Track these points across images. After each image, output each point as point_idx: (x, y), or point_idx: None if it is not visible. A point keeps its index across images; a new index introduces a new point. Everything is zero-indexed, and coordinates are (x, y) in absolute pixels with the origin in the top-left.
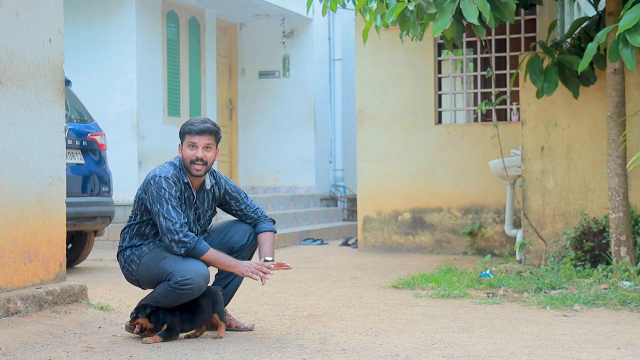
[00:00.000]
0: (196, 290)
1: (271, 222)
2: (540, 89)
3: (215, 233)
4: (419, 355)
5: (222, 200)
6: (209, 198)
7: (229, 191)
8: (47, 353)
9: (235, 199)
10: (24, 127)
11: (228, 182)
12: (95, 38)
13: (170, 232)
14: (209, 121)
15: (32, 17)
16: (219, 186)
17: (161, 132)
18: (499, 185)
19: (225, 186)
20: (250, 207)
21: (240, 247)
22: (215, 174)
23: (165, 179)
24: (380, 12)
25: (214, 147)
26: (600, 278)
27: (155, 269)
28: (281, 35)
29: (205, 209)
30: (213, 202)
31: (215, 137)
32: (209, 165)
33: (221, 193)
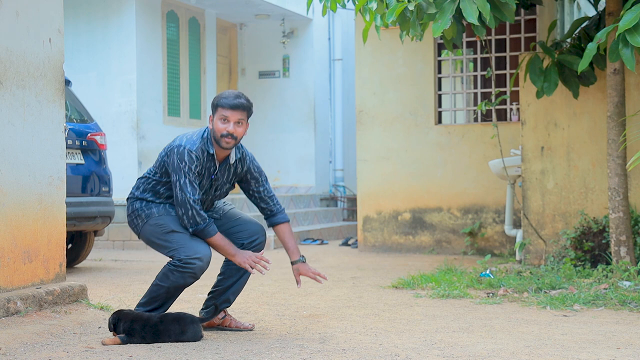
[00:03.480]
0: (197, 271)
1: (285, 214)
2: (540, 89)
3: (226, 219)
4: (419, 355)
5: (242, 177)
6: (230, 172)
7: (252, 170)
8: (47, 353)
9: (256, 180)
10: (24, 127)
11: (253, 161)
12: (95, 38)
13: (185, 205)
14: (243, 96)
15: (32, 17)
16: (242, 163)
17: (161, 132)
18: (499, 185)
19: (249, 164)
20: (267, 191)
21: (240, 244)
22: (241, 150)
23: (189, 152)
24: (380, 12)
25: (245, 122)
26: (600, 278)
27: (160, 238)
28: (281, 35)
29: (223, 182)
30: (234, 176)
31: (248, 112)
32: (238, 140)
33: (243, 170)
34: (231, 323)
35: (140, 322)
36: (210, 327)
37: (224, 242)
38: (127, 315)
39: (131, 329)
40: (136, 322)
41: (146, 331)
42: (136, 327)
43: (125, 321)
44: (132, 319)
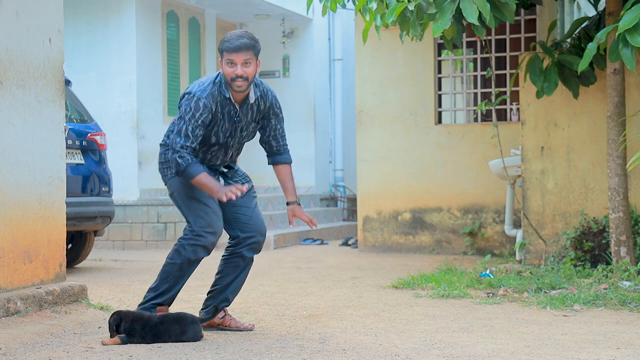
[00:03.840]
0: (209, 244)
1: (289, 155)
2: (540, 89)
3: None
4: (419, 355)
5: (265, 114)
6: (253, 111)
7: (274, 106)
8: (47, 353)
9: (277, 116)
10: (24, 127)
11: (276, 97)
12: (95, 38)
13: (174, 149)
14: (245, 35)
15: (32, 17)
16: (264, 99)
17: (161, 132)
18: (499, 185)
19: (272, 100)
20: (283, 130)
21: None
22: (262, 87)
23: (197, 100)
24: (380, 12)
25: (253, 60)
26: (600, 278)
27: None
28: (281, 35)
29: (248, 122)
30: (257, 114)
31: (254, 50)
32: (250, 80)
33: (266, 106)
34: (231, 323)
35: (141, 322)
36: (210, 326)
37: (207, 180)
38: (127, 315)
39: (131, 329)
40: (136, 322)
41: (146, 331)
42: (136, 327)
43: (125, 321)
44: (132, 319)
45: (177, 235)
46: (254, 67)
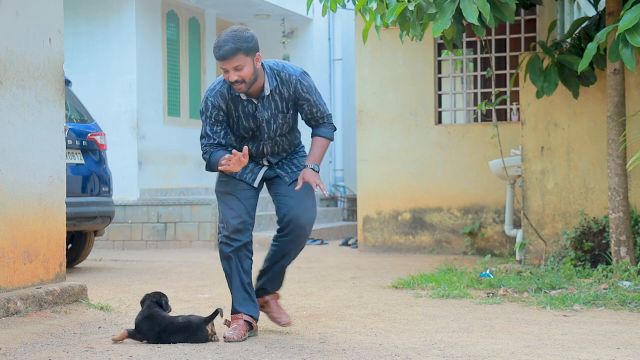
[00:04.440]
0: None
1: (329, 129)
2: (540, 89)
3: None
4: (419, 355)
5: (294, 100)
6: (276, 101)
7: (300, 90)
8: (47, 353)
9: (307, 100)
10: (24, 127)
11: (302, 80)
12: (95, 38)
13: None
14: (231, 38)
15: (32, 17)
16: (287, 85)
17: (161, 132)
18: (499, 185)
19: (296, 84)
20: (322, 112)
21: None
22: (284, 72)
23: (206, 100)
24: (380, 12)
25: (246, 60)
26: (600, 278)
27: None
28: (281, 35)
29: (274, 113)
30: (283, 102)
31: (243, 51)
32: (249, 80)
33: (291, 92)
34: (271, 310)
35: (150, 321)
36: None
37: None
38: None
39: (140, 323)
40: (147, 319)
41: (150, 333)
42: (144, 325)
43: (140, 314)
44: (145, 315)
45: (177, 235)
46: (250, 66)
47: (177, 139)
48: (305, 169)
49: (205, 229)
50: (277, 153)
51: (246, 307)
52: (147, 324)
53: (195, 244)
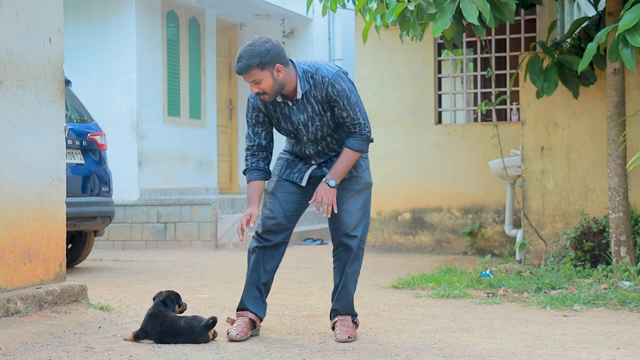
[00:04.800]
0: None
1: (359, 140)
2: (540, 89)
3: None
4: (419, 355)
5: (328, 102)
6: (312, 103)
7: (331, 93)
8: (47, 353)
9: (337, 104)
10: (24, 127)
11: (334, 82)
12: (95, 38)
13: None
14: (244, 55)
15: (32, 17)
16: (319, 88)
17: (161, 132)
18: (499, 185)
19: (327, 87)
20: (352, 118)
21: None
22: (315, 75)
23: (248, 102)
24: (380, 12)
25: (264, 74)
26: (600, 278)
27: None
28: (281, 35)
29: (310, 116)
30: (318, 105)
31: (258, 66)
32: (271, 91)
33: (324, 95)
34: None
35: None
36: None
37: (249, 193)
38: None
39: (145, 322)
40: (151, 319)
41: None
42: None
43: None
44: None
45: (177, 235)
46: (268, 79)
47: (177, 139)
48: (321, 183)
49: (205, 229)
50: (324, 153)
51: (255, 305)
52: (151, 323)
53: (195, 244)
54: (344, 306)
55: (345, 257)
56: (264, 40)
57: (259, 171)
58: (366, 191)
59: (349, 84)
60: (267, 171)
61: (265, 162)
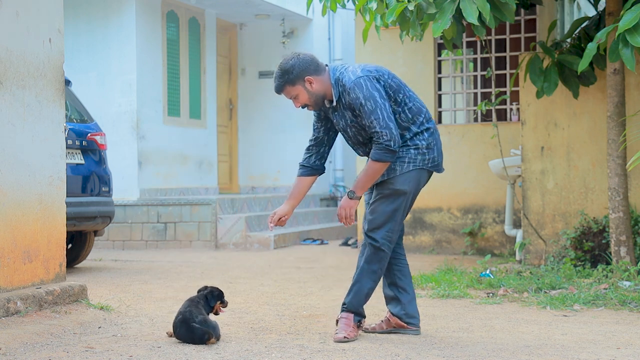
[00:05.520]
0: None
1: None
2: (540, 89)
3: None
4: (419, 355)
5: (354, 110)
6: (345, 110)
7: (354, 100)
8: (47, 353)
9: (358, 111)
10: (24, 127)
11: (351, 91)
12: (95, 38)
13: None
14: (276, 76)
15: (32, 17)
16: (347, 95)
17: (161, 132)
18: (499, 185)
19: (348, 94)
20: (369, 127)
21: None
22: (342, 81)
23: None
24: (380, 12)
25: (298, 88)
26: (600, 278)
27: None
28: (281, 35)
29: (347, 123)
30: (350, 111)
31: (289, 84)
32: (311, 102)
33: (349, 102)
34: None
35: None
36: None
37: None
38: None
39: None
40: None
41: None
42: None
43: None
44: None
45: (177, 235)
46: (303, 92)
47: (177, 139)
48: (344, 195)
49: (205, 229)
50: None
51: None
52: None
53: (195, 244)
54: (350, 302)
55: (366, 252)
56: (289, 57)
57: (305, 167)
58: (394, 197)
59: (367, 91)
60: (315, 167)
61: (318, 157)
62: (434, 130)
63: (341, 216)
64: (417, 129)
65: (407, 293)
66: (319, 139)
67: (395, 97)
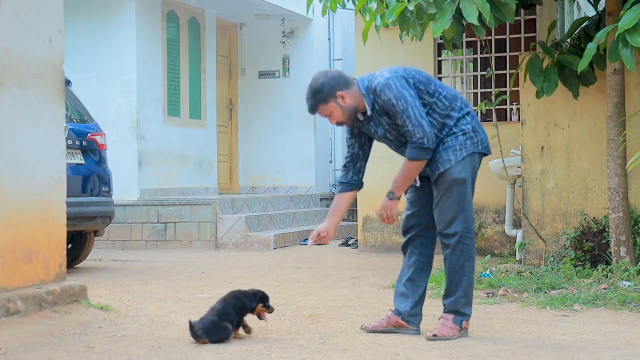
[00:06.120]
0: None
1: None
2: (540, 89)
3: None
4: (419, 355)
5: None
6: (381, 116)
7: (387, 103)
8: (47, 353)
9: (392, 113)
10: (24, 127)
11: (381, 93)
12: (95, 38)
13: None
14: (308, 97)
15: (32, 17)
16: (380, 99)
17: (161, 132)
18: (499, 185)
19: (378, 99)
20: (401, 126)
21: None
22: (372, 87)
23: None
24: (380, 12)
25: (332, 105)
26: (600, 278)
27: None
28: (281, 35)
29: (386, 129)
30: (387, 116)
31: (322, 103)
32: (345, 118)
33: (383, 106)
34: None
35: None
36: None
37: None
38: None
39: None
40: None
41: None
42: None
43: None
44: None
45: (177, 235)
46: (336, 109)
47: (177, 139)
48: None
49: (205, 229)
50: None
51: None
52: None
53: (195, 244)
54: (449, 303)
55: (446, 253)
56: (318, 76)
57: (343, 184)
58: (456, 187)
59: (397, 91)
60: (353, 183)
61: (355, 172)
62: (474, 113)
63: (383, 217)
64: (458, 114)
65: (419, 290)
66: (354, 154)
67: (427, 89)
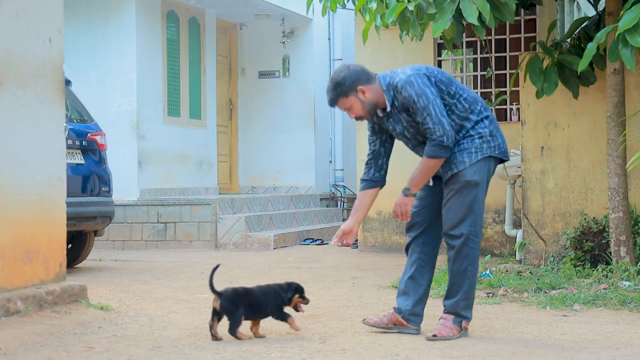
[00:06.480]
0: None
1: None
2: (540, 89)
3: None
4: (419, 355)
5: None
6: (401, 113)
7: (407, 100)
8: (47, 353)
9: (412, 110)
10: (24, 127)
11: (402, 90)
12: (95, 38)
13: None
14: (329, 90)
15: (32, 17)
16: (400, 96)
17: (161, 132)
18: (499, 185)
19: (402, 94)
20: (422, 123)
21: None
22: (394, 83)
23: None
24: (380, 12)
25: (352, 99)
26: (600, 278)
27: None
28: (281, 35)
29: (405, 126)
30: (406, 112)
31: (342, 96)
32: (365, 112)
33: (404, 103)
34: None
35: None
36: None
37: (356, 202)
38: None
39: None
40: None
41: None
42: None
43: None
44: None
45: (177, 235)
46: (357, 103)
47: (177, 139)
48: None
49: (205, 229)
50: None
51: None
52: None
53: (195, 244)
54: (449, 304)
55: (450, 254)
56: (340, 70)
57: (366, 181)
58: (468, 189)
59: (419, 88)
60: (375, 180)
61: (377, 169)
62: (493, 118)
63: (397, 213)
64: (476, 117)
65: (420, 289)
66: (376, 151)
67: (448, 90)
